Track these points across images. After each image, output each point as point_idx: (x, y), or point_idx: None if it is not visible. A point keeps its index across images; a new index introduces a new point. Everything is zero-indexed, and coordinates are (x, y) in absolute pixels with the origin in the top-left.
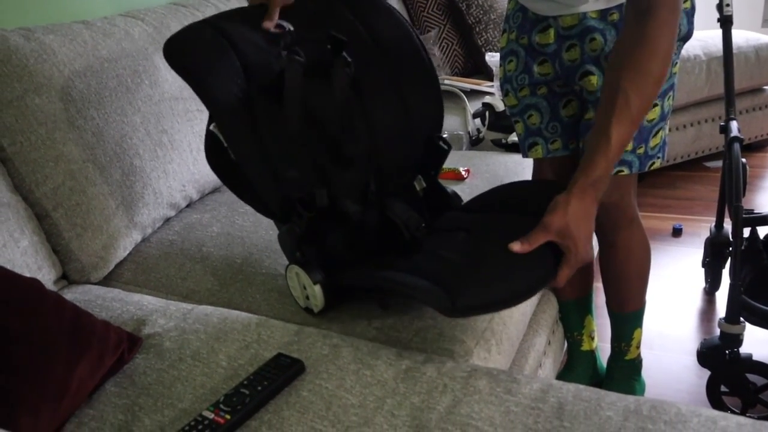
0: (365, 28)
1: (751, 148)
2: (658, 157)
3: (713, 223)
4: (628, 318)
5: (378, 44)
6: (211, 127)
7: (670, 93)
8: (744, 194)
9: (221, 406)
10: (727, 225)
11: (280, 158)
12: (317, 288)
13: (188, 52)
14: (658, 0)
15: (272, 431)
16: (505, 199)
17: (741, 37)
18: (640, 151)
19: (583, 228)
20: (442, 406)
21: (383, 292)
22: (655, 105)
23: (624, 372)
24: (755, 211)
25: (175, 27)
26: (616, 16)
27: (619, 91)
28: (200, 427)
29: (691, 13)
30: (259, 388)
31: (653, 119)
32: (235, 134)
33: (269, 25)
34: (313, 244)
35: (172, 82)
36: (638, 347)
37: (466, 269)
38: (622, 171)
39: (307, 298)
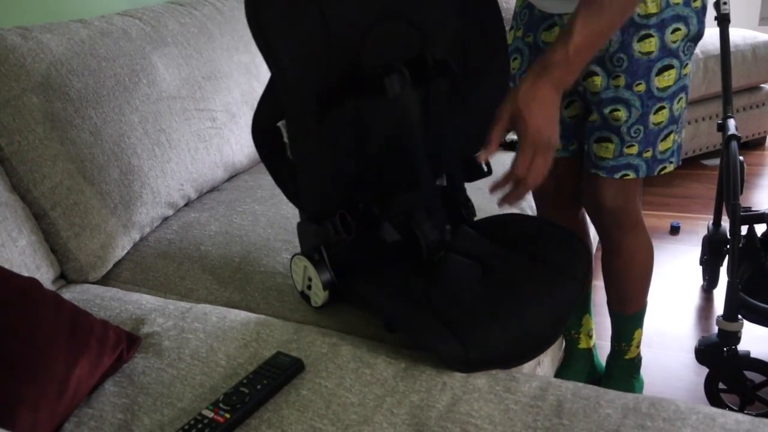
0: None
1: (748, 146)
2: (671, 162)
3: (711, 221)
4: (629, 318)
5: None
6: (280, 124)
7: (681, 95)
8: (741, 192)
9: (221, 404)
10: (725, 223)
11: (338, 172)
12: (320, 284)
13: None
14: None
15: (272, 430)
16: (517, 236)
17: (738, 35)
18: (647, 154)
19: (534, 110)
20: (442, 405)
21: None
22: (663, 108)
23: (623, 370)
24: (753, 209)
25: (173, 26)
26: None
27: None
28: (200, 426)
29: (702, 12)
30: (259, 386)
31: (661, 122)
32: (302, 137)
33: None
34: (330, 247)
35: (170, 81)
36: (638, 347)
37: (481, 316)
38: (628, 175)
39: (309, 288)
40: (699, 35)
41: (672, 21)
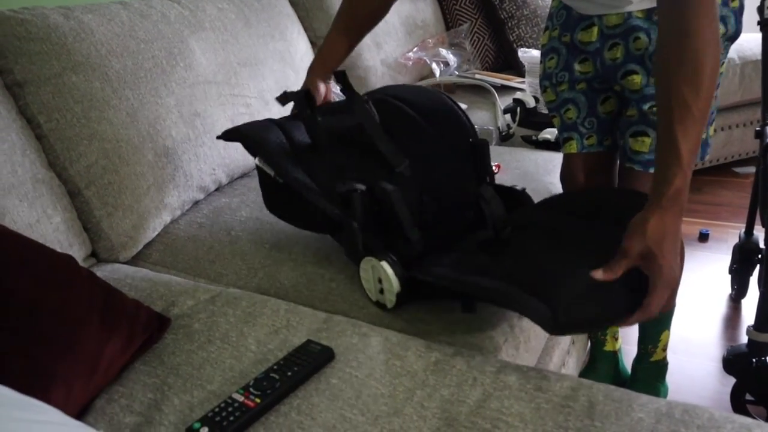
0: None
1: None
2: (700, 159)
3: (742, 229)
4: (657, 319)
5: (417, 110)
6: (256, 161)
7: (714, 93)
8: None
9: (251, 389)
10: (758, 232)
11: (326, 176)
12: (396, 282)
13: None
14: None
15: (302, 417)
16: (598, 206)
17: None
18: None
19: (666, 248)
20: (472, 400)
21: (473, 297)
22: None
23: (649, 373)
24: None
25: (211, 11)
26: None
27: (673, 94)
28: (230, 409)
29: (739, 12)
30: (289, 373)
31: None
32: (280, 160)
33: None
34: (384, 237)
35: (206, 65)
36: (665, 350)
37: (561, 278)
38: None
39: (381, 292)
40: (736, 35)
41: None
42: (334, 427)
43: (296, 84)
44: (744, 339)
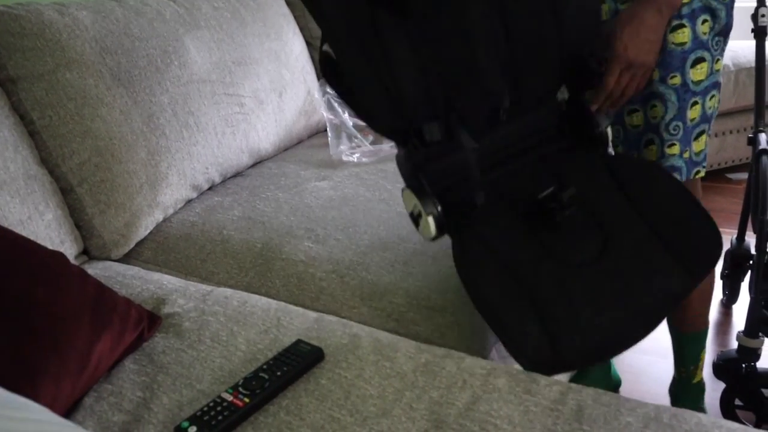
0: None
1: None
2: (703, 166)
3: (734, 235)
4: (695, 339)
5: None
6: (324, 47)
7: (713, 92)
8: None
9: (240, 389)
10: (749, 238)
11: (395, 71)
12: (430, 219)
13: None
14: None
15: (291, 417)
16: (650, 197)
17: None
18: (686, 155)
19: (627, 31)
20: (461, 402)
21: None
22: (696, 103)
23: (694, 396)
24: None
25: (206, 9)
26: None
27: None
28: (219, 408)
29: (730, 5)
30: (279, 373)
31: (694, 118)
32: (345, 48)
33: None
34: (436, 181)
35: (201, 64)
36: (702, 369)
37: (581, 316)
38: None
39: (417, 223)
40: (727, 29)
41: (701, 12)
42: (323, 428)
43: (291, 84)
44: (735, 344)
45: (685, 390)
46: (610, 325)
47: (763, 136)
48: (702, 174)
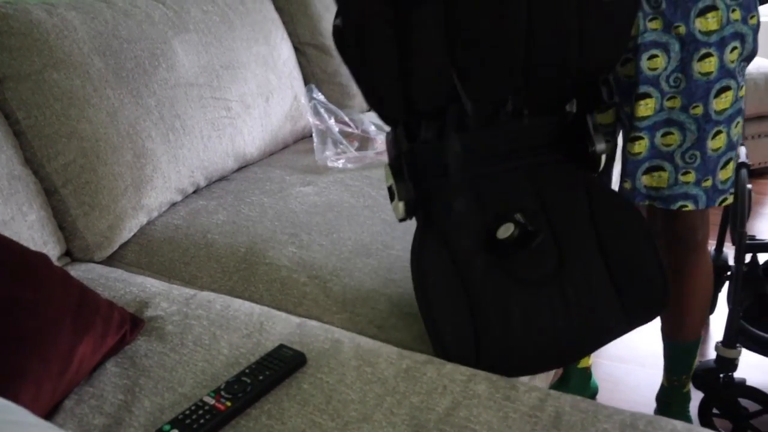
0: None
1: (754, 174)
2: (731, 192)
3: (713, 247)
4: (688, 350)
5: None
6: (336, 21)
7: (738, 119)
8: (747, 220)
9: (222, 392)
10: (728, 249)
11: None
12: (401, 204)
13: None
14: None
15: (272, 421)
16: (617, 232)
17: (752, 63)
18: (707, 183)
19: None
20: (441, 408)
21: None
22: (720, 132)
23: (683, 404)
24: (757, 238)
25: (195, 13)
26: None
27: None
28: (201, 412)
29: (757, 29)
30: (261, 377)
31: (719, 148)
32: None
33: None
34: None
35: (188, 67)
36: (691, 378)
37: (517, 327)
38: (686, 206)
39: (392, 198)
40: (753, 54)
41: (731, 39)
42: None
43: (278, 89)
44: (713, 355)
45: (675, 398)
46: (535, 352)
47: (742, 149)
48: (729, 200)
